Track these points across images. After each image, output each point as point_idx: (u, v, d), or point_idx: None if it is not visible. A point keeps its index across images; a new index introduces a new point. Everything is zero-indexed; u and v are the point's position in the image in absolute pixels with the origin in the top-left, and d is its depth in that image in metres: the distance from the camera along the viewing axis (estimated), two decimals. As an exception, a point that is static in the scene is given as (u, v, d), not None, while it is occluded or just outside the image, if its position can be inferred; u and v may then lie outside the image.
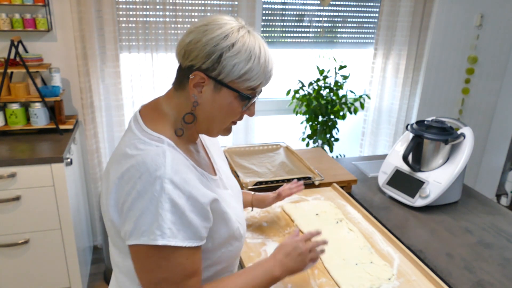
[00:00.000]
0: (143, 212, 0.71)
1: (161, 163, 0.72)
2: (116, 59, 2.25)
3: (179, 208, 0.72)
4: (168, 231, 0.71)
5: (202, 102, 0.80)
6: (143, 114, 0.84)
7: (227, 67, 0.76)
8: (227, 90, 0.78)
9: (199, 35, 0.76)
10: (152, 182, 0.71)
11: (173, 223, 0.72)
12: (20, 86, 2.05)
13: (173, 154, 0.76)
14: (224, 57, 0.75)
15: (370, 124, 2.93)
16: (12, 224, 1.89)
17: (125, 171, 0.74)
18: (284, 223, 1.32)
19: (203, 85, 0.78)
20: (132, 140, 0.78)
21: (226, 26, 0.76)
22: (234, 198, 0.95)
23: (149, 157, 0.73)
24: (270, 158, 1.74)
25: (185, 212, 0.73)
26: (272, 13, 2.60)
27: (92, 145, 2.34)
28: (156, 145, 0.76)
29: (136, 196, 0.72)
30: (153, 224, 0.71)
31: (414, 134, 1.53)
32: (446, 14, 2.76)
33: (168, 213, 0.71)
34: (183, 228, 0.73)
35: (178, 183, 0.72)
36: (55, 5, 2.13)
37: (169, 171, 0.72)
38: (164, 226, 0.71)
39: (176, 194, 0.72)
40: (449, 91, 2.99)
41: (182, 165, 0.76)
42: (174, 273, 0.74)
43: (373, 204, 1.54)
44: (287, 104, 2.75)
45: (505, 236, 1.36)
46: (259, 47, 0.78)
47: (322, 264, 1.11)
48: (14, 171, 1.80)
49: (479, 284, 1.11)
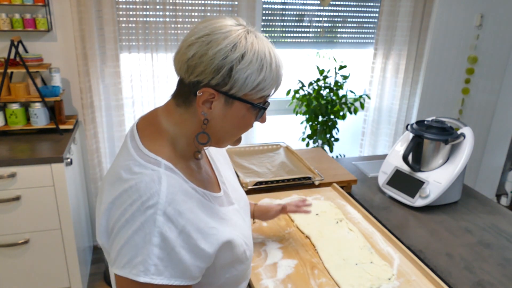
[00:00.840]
0: (127, 242, 0.65)
1: (156, 191, 0.66)
2: (116, 59, 2.25)
3: (169, 243, 0.65)
4: (153, 268, 0.65)
5: (212, 118, 0.73)
6: (140, 128, 0.78)
7: (240, 80, 0.69)
8: (240, 103, 0.72)
9: (203, 48, 0.68)
10: (143, 212, 0.65)
11: (160, 260, 0.65)
12: (20, 86, 2.05)
13: (170, 179, 0.70)
14: (235, 70, 0.68)
15: (370, 124, 2.93)
16: (12, 224, 1.89)
17: (117, 196, 0.69)
18: (284, 223, 1.32)
19: (212, 100, 0.71)
20: (127, 161, 0.72)
21: (231, 34, 0.69)
22: (240, 213, 0.88)
23: (143, 183, 0.67)
24: (270, 158, 1.74)
25: (175, 248, 0.66)
26: (272, 13, 2.60)
27: (92, 145, 2.34)
28: (152, 168, 0.70)
29: (123, 224, 0.66)
30: (136, 257, 0.65)
31: (414, 134, 1.53)
32: (446, 14, 2.76)
33: (156, 248, 0.65)
34: (171, 265, 0.66)
35: (171, 215, 0.66)
36: (55, 5, 2.13)
37: (163, 201, 0.66)
38: (149, 262, 0.64)
39: (167, 228, 0.65)
40: (449, 91, 2.99)
41: (179, 193, 0.69)
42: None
43: (373, 204, 1.54)
44: (287, 104, 2.75)
45: (505, 236, 1.36)
46: (269, 53, 0.72)
47: (322, 264, 1.11)
48: (14, 171, 1.80)
49: (479, 284, 1.11)
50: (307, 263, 1.12)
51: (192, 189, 0.74)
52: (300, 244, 1.20)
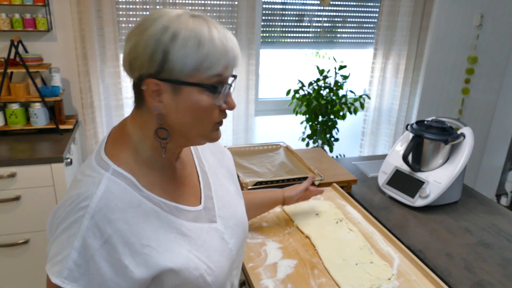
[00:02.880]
0: (56, 239, 0.64)
1: (90, 194, 0.63)
2: (116, 59, 2.25)
3: (89, 250, 0.61)
4: (66, 272, 0.61)
5: (167, 112, 0.68)
6: (111, 134, 0.75)
7: (177, 62, 0.63)
8: (188, 87, 0.65)
9: (136, 38, 0.65)
10: (75, 212, 0.63)
11: (76, 266, 0.61)
12: (20, 86, 2.05)
13: (111, 184, 0.65)
14: (170, 53, 0.63)
15: (370, 124, 2.93)
16: (12, 224, 1.89)
17: (67, 196, 0.67)
18: (284, 223, 1.32)
19: (160, 92, 0.66)
20: (86, 164, 0.71)
21: (163, 17, 0.65)
22: (219, 233, 0.79)
23: (84, 185, 0.65)
24: (270, 158, 1.74)
25: (94, 257, 0.62)
26: (272, 13, 2.60)
27: (92, 145, 2.34)
28: (99, 172, 0.67)
29: (59, 222, 0.65)
30: (57, 256, 0.63)
31: (414, 134, 1.53)
32: (446, 14, 2.76)
33: (75, 252, 0.61)
34: (88, 274, 0.62)
35: (98, 222, 0.62)
36: (55, 5, 2.13)
37: (93, 205, 0.62)
38: (64, 265, 0.61)
39: (91, 233, 0.61)
40: (449, 91, 2.99)
41: (116, 200, 0.64)
42: None
43: (373, 204, 1.54)
44: (287, 104, 2.75)
45: (505, 236, 1.36)
46: (208, 28, 0.65)
47: (322, 264, 1.11)
48: (14, 171, 1.80)
49: (479, 284, 1.11)
50: (307, 263, 1.12)
51: (145, 198, 0.69)
52: (300, 244, 1.20)
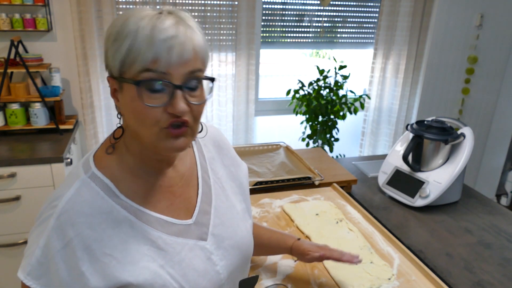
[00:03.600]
0: (30, 234, 0.66)
1: (61, 195, 0.63)
2: (116, 59, 2.25)
3: (50, 251, 0.61)
4: (29, 268, 0.62)
5: (122, 112, 0.67)
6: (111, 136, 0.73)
7: (111, 57, 0.63)
8: (126, 84, 0.62)
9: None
10: (47, 211, 0.64)
11: (39, 264, 0.62)
12: (20, 86, 2.05)
13: (84, 188, 0.64)
14: (109, 46, 0.63)
15: (370, 124, 2.93)
16: (12, 224, 1.89)
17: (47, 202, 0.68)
18: (284, 223, 1.32)
19: (115, 90, 0.66)
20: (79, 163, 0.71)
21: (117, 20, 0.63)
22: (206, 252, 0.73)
23: (61, 185, 0.67)
24: (270, 158, 1.74)
25: (54, 259, 0.61)
26: (272, 13, 2.60)
27: (92, 145, 2.34)
28: (79, 174, 0.66)
29: (37, 217, 0.67)
30: (27, 250, 0.65)
31: (414, 134, 1.53)
32: (446, 14, 2.76)
33: (39, 250, 0.62)
34: (48, 275, 0.62)
35: (62, 223, 0.61)
36: (55, 5, 2.13)
37: (61, 206, 0.62)
38: (28, 261, 0.63)
39: (55, 234, 0.61)
40: (449, 91, 2.99)
41: (84, 204, 0.63)
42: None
43: (373, 204, 1.54)
44: (287, 104, 2.75)
45: (505, 236, 1.36)
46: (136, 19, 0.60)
47: (322, 264, 1.11)
48: (14, 171, 1.80)
49: (479, 284, 1.11)
50: (307, 263, 1.12)
51: (120, 205, 0.66)
52: (300, 244, 1.20)
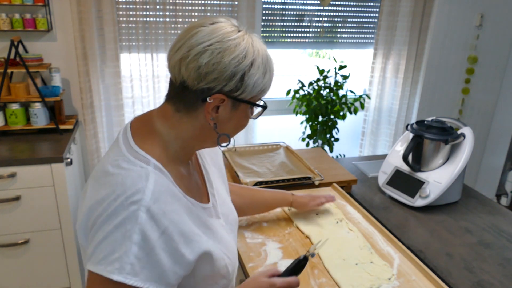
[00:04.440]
0: (106, 238, 0.63)
1: (141, 188, 0.65)
2: (116, 59, 2.25)
3: (149, 243, 0.63)
4: (128, 267, 0.62)
5: (218, 121, 0.75)
6: (134, 128, 0.77)
7: (250, 85, 0.72)
8: (244, 105, 0.75)
9: (216, 56, 0.68)
10: (126, 207, 0.63)
11: (137, 259, 0.63)
12: (20, 86, 2.05)
13: (158, 179, 0.68)
14: (247, 76, 0.71)
15: (370, 124, 2.93)
16: (12, 224, 1.89)
17: (102, 190, 0.67)
18: (284, 223, 1.32)
19: (220, 105, 0.73)
20: (116, 157, 0.71)
21: (241, 41, 0.71)
22: (225, 228, 0.86)
23: (129, 179, 0.66)
24: (270, 158, 1.74)
25: (154, 249, 0.64)
26: (272, 13, 2.60)
27: (92, 145, 2.34)
28: (141, 165, 0.68)
29: (105, 219, 0.64)
30: (113, 254, 0.62)
31: (414, 134, 1.53)
32: (446, 14, 2.76)
33: (135, 246, 0.62)
34: (149, 267, 0.64)
35: (155, 214, 0.64)
36: (55, 5, 2.13)
37: (148, 198, 0.64)
38: (125, 260, 0.62)
39: (149, 226, 0.64)
40: (449, 91, 2.99)
41: (166, 193, 0.68)
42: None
43: (373, 204, 1.54)
44: (287, 104, 2.75)
45: (505, 236, 1.36)
46: (269, 57, 0.75)
47: (322, 264, 1.11)
48: (14, 171, 1.80)
49: (479, 284, 1.11)
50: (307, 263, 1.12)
51: (181, 194, 0.74)
52: (300, 244, 1.20)
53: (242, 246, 1.18)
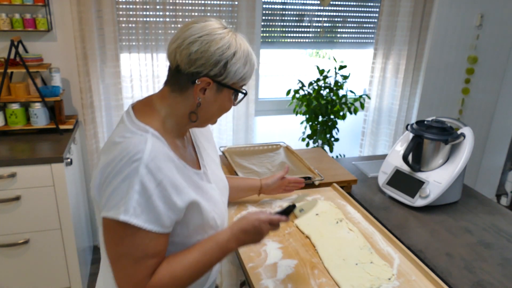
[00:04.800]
0: (115, 189, 0.79)
1: (141, 149, 0.80)
2: (116, 59, 2.25)
3: (147, 191, 0.79)
4: (131, 210, 0.77)
5: (204, 102, 0.89)
6: (136, 108, 0.91)
7: (232, 72, 0.86)
8: (227, 90, 0.89)
9: (204, 46, 0.83)
10: (129, 165, 0.78)
11: (138, 204, 0.78)
12: (20, 86, 2.05)
13: (155, 143, 0.83)
14: (229, 64, 0.85)
15: (370, 124, 2.93)
16: (12, 224, 1.89)
17: (110, 155, 0.81)
18: (284, 223, 1.32)
19: (207, 88, 0.87)
20: (121, 130, 0.86)
21: (225, 35, 0.86)
22: (217, 191, 1.01)
23: (132, 144, 0.81)
24: (270, 158, 1.74)
25: (151, 197, 0.79)
26: (272, 13, 2.60)
27: (92, 145, 2.34)
28: (141, 134, 0.84)
29: (113, 175, 0.79)
30: (120, 201, 0.78)
31: (414, 134, 1.53)
32: (446, 14, 2.76)
33: (136, 194, 0.78)
34: (147, 211, 0.79)
35: (151, 169, 0.79)
36: (55, 5, 2.13)
37: (146, 157, 0.79)
38: (129, 204, 0.77)
39: (147, 179, 0.78)
40: (449, 91, 2.99)
41: (161, 154, 0.82)
42: (134, 251, 0.80)
43: (373, 204, 1.54)
44: (287, 104, 2.75)
45: (505, 236, 1.36)
46: (251, 51, 0.90)
47: (322, 264, 1.11)
48: (14, 171, 1.80)
49: (479, 284, 1.11)
50: (307, 263, 1.12)
51: (174, 156, 0.87)
52: (300, 244, 1.20)
53: (242, 246, 1.18)
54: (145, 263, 0.82)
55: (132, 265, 0.81)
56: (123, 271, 0.82)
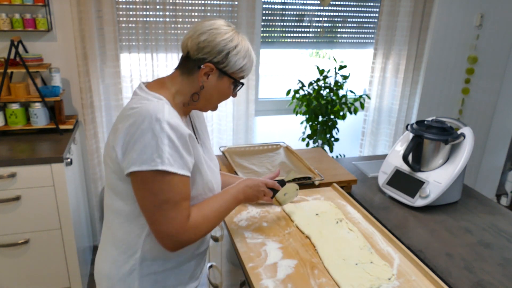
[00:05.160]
0: (146, 146, 0.90)
1: (161, 109, 0.93)
2: (116, 59, 2.25)
3: (174, 143, 0.92)
4: (166, 160, 0.91)
5: (207, 86, 1.04)
6: (148, 85, 1.05)
7: (232, 61, 1.02)
8: (227, 78, 1.04)
9: (211, 36, 1.00)
10: (154, 123, 0.91)
11: (170, 155, 0.92)
12: (20, 86, 2.05)
13: (169, 108, 0.96)
14: (230, 54, 1.01)
15: (370, 124, 2.93)
16: (12, 224, 1.89)
17: (131, 118, 0.93)
18: (284, 223, 1.32)
19: (210, 73, 1.02)
20: (136, 100, 0.98)
21: (229, 31, 1.02)
22: (211, 163, 1.15)
23: (151, 106, 0.93)
24: (270, 158, 1.74)
25: (178, 148, 0.93)
26: (272, 13, 2.60)
27: (92, 145, 2.34)
28: (157, 100, 0.97)
29: (140, 134, 0.91)
30: (154, 154, 0.90)
31: (414, 134, 1.53)
32: (446, 14, 2.76)
33: (166, 146, 0.91)
34: (178, 159, 0.93)
35: (173, 125, 0.93)
36: (55, 5, 2.13)
37: (166, 116, 0.92)
38: (164, 156, 0.91)
39: (172, 133, 0.92)
40: (449, 91, 2.99)
41: (176, 117, 0.96)
42: (173, 195, 0.94)
43: (373, 204, 1.54)
44: (287, 104, 2.75)
45: (505, 236, 1.36)
46: (251, 49, 1.07)
47: (322, 264, 1.11)
48: (14, 171, 1.80)
49: (479, 284, 1.11)
50: (307, 263, 1.12)
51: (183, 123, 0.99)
52: (300, 244, 1.20)
53: (242, 246, 1.18)
54: (182, 206, 0.95)
55: (173, 209, 0.94)
56: (165, 217, 0.94)
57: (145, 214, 0.96)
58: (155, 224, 0.95)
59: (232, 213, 1.36)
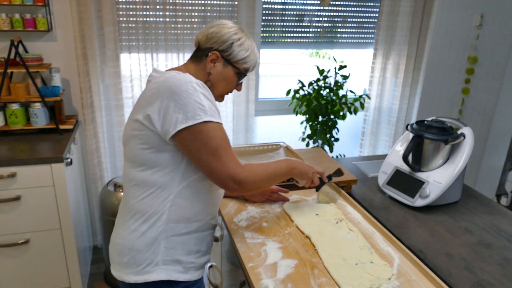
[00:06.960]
0: (187, 104, 1.00)
1: (187, 75, 1.04)
2: (116, 59, 2.25)
3: (208, 99, 1.04)
4: (209, 112, 1.02)
5: (213, 73, 1.16)
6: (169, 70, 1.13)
7: (235, 51, 1.15)
8: (231, 67, 1.17)
9: (219, 29, 1.15)
10: (187, 84, 1.01)
11: (209, 108, 1.03)
12: (20, 86, 2.05)
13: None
14: (234, 44, 1.15)
15: (370, 124, 2.93)
16: (12, 224, 1.89)
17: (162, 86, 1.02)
18: (284, 223, 1.32)
19: (216, 61, 1.16)
20: (156, 77, 1.09)
21: (235, 26, 1.18)
22: None
23: (178, 76, 1.03)
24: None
25: (212, 101, 1.05)
26: (272, 13, 2.60)
27: (92, 145, 2.34)
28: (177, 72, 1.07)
29: (177, 97, 1.00)
30: (195, 110, 1.00)
31: (414, 134, 1.53)
32: (446, 14, 2.76)
33: (205, 101, 1.02)
34: (215, 111, 1.05)
35: (201, 85, 1.04)
36: (55, 5, 2.13)
37: (194, 80, 1.04)
38: (206, 110, 1.01)
39: (203, 91, 1.04)
40: (449, 91, 2.99)
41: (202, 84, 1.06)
42: (222, 141, 1.04)
43: (373, 204, 1.54)
44: (287, 104, 2.75)
45: (505, 236, 1.36)
46: (254, 46, 1.21)
47: (322, 264, 1.11)
48: (14, 171, 1.80)
49: (479, 284, 1.11)
50: (307, 263, 1.12)
51: None
52: (300, 244, 1.20)
53: (242, 246, 1.18)
54: (230, 150, 1.06)
55: (226, 152, 1.04)
56: (221, 161, 1.03)
57: (202, 168, 1.05)
58: (215, 172, 1.04)
59: (232, 213, 1.36)
